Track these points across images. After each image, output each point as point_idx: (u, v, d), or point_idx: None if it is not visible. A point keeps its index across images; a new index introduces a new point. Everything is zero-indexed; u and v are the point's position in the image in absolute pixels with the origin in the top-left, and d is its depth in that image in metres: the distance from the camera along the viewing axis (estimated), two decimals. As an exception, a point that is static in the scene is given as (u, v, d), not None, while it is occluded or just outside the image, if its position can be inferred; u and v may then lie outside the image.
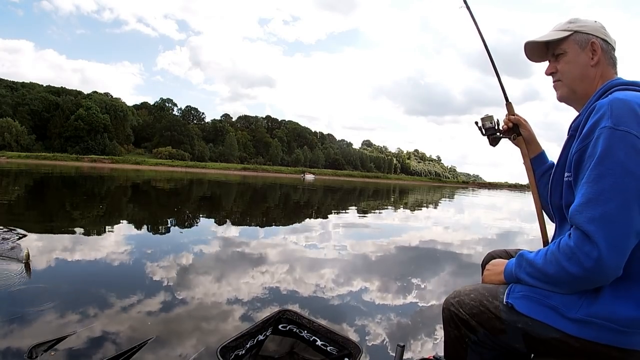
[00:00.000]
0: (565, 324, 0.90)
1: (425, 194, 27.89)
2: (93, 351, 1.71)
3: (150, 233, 4.97)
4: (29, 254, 2.86)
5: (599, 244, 0.80)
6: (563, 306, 0.91)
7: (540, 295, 0.95)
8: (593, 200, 0.83)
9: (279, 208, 10.28)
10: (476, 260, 4.28)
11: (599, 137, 0.86)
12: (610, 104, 0.87)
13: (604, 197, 0.82)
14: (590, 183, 0.85)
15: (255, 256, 3.89)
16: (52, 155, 61.96)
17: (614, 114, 0.85)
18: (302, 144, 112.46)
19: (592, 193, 0.84)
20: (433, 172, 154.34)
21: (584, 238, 0.83)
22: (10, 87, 77.73)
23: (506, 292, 1.01)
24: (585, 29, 1.06)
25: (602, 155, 0.84)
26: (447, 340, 1.15)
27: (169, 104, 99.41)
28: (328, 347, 1.54)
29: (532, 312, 0.95)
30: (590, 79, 1.05)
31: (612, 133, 0.84)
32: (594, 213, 0.82)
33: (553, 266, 0.89)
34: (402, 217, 9.87)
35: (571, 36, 1.07)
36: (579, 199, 0.87)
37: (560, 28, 1.10)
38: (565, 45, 1.08)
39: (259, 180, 33.99)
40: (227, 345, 1.35)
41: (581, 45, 1.06)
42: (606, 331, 0.87)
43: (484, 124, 1.40)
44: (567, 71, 1.08)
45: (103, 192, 11.77)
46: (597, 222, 0.81)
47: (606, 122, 0.85)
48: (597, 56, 1.04)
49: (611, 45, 1.06)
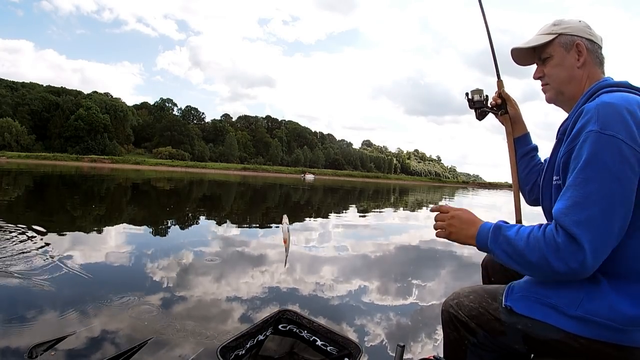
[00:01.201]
0: (565, 322, 0.90)
1: (425, 194, 27.88)
2: (93, 351, 1.71)
3: (150, 233, 4.97)
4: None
5: (585, 247, 0.81)
6: (562, 304, 0.91)
7: (539, 295, 0.95)
8: (579, 204, 0.83)
9: (279, 208, 10.28)
10: (476, 259, 4.28)
11: (585, 140, 0.86)
12: (597, 108, 0.87)
13: (590, 201, 0.82)
14: (577, 187, 0.85)
15: (255, 256, 3.89)
16: (52, 155, 61.97)
17: (600, 118, 0.85)
18: (302, 144, 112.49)
19: (578, 197, 0.84)
20: (433, 172, 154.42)
21: (570, 240, 0.83)
22: (10, 87, 77.75)
23: (504, 294, 1.01)
24: (569, 31, 1.06)
25: (588, 159, 0.84)
26: (446, 342, 1.15)
27: (169, 104, 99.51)
28: (328, 347, 1.54)
29: (532, 312, 0.95)
30: (578, 80, 1.05)
31: (598, 137, 0.84)
32: (580, 217, 0.82)
33: (536, 254, 0.86)
34: (402, 217, 9.87)
35: (556, 39, 1.07)
36: (564, 202, 0.87)
37: (545, 31, 1.11)
38: (550, 49, 1.09)
39: (259, 180, 33.99)
40: (227, 345, 1.35)
41: (566, 48, 1.06)
42: (606, 329, 0.87)
43: (473, 97, 1.40)
44: (555, 74, 1.09)
45: (103, 191, 11.77)
46: (582, 225, 0.82)
47: (593, 126, 0.85)
48: (582, 57, 1.04)
49: (597, 44, 1.06)
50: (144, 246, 3.96)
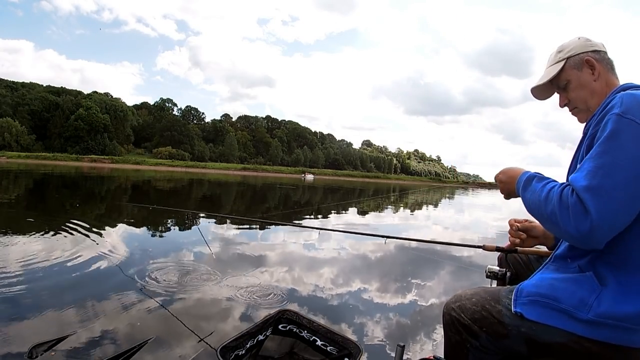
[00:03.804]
0: (576, 326, 0.90)
1: (426, 194, 27.89)
2: (93, 351, 1.71)
3: (150, 232, 4.97)
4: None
5: (591, 213, 0.83)
6: (573, 309, 0.91)
7: (549, 299, 0.94)
8: (592, 173, 0.87)
9: (279, 208, 10.28)
10: (475, 260, 4.28)
11: (607, 121, 0.91)
12: (622, 96, 0.92)
13: (602, 172, 0.86)
14: (593, 158, 0.89)
15: (255, 256, 3.89)
16: (52, 155, 61.95)
17: (624, 104, 0.90)
18: (302, 144, 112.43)
19: (592, 167, 0.88)
20: (433, 172, 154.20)
21: (579, 203, 0.85)
22: (10, 87, 77.72)
23: (513, 299, 1.00)
24: (574, 52, 1.11)
25: (608, 136, 0.89)
26: (447, 345, 1.14)
27: (169, 104, 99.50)
28: (328, 347, 1.54)
29: (543, 318, 0.94)
30: (598, 92, 1.09)
31: (619, 119, 0.88)
32: (591, 183, 0.85)
33: (549, 208, 0.91)
34: (402, 217, 9.87)
35: (566, 64, 1.11)
36: (581, 170, 0.90)
37: (553, 61, 1.15)
38: (565, 75, 1.12)
39: (259, 180, 33.98)
40: (227, 345, 1.35)
41: (578, 68, 1.10)
42: (617, 330, 0.87)
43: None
44: (578, 97, 1.12)
45: (103, 192, 11.77)
46: (591, 192, 0.84)
47: (616, 110, 0.90)
48: (596, 70, 1.08)
49: (602, 51, 1.10)
50: (143, 245, 3.96)
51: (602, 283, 0.91)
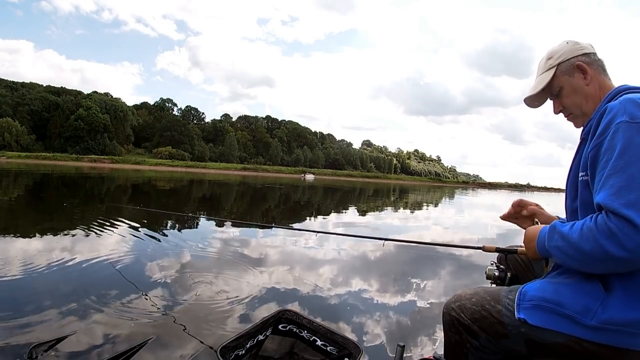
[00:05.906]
0: (579, 331, 0.90)
1: (425, 194, 27.88)
2: (93, 351, 1.71)
3: (150, 232, 4.96)
4: None
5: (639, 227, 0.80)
6: (578, 315, 0.90)
7: (553, 304, 0.94)
8: (625, 187, 0.84)
9: (279, 208, 10.28)
10: (475, 260, 4.28)
11: (616, 131, 0.88)
12: (622, 103, 0.91)
13: (635, 183, 0.83)
14: (618, 173, 0.86)
15: (254, 256, 3.89)
16: (52, 155, 61.92)
17: (627, 111, 0.89)
18: (302, 144, 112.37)
19: (622, 181, 0.84)
20: (433, 172, 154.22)
21: (623, 222, 0.81)
22: (10, 87, 77.69)
23: (516, 303, 0.99)
24: (563, 57, 1.10)
25: (624, 146, 0.86)
26: (447, 344, 1.15)
27: (169, 104, 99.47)
28: (328, 347, 1.54)
29: (547, 324, 0.93)
30: (592, 96, 1.08)
31: (629, 126, 0.87)
32: (630, 198, 0.82)
33: (590, 243, 0.85)
34: (401, 216, 9.87)
35: (557, 71, 1.10)
36: (609, 189, 0.86)
37: (544, 69, 1.14)
38: (557, 82, 1.11)
39: (259, 180, 33.97)
40: (227, 345, 1.35)
41: (569, 74, 1.09)
42: (620, 335, 0.87)
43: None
44: (571, 102, 1.11)
45: (103, 192, 11.77)
46: (634, 206, 0.81)
47: (621, 118, 0.88)
48: (588, 74, 1.07)
49: (591, 53, 1.09)
50: (143, 245, 3.96)
51: (607, 290, 0.90)
